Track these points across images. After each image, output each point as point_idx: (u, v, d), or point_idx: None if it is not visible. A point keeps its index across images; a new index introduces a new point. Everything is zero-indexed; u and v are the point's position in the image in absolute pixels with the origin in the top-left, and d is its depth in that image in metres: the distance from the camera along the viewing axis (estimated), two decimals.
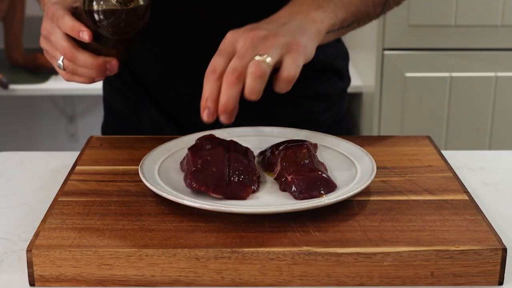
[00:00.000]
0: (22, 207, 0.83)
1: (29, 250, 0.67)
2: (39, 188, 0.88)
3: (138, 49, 1.05)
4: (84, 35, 0.82)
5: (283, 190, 0.77)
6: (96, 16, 0.80)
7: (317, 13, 0.83)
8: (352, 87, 2.14)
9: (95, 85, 1.18)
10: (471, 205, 0.75)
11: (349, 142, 0.87)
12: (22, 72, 2.21)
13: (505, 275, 0.68)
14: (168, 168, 0.82)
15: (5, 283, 0.68)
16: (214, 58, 0.78)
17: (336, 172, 0.81)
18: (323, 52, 1.09)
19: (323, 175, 0.76)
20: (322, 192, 0.75)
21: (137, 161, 0.83)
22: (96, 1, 0.80)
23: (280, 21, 0.82)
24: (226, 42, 0.79)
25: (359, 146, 0.86)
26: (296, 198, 0.75)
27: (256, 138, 0.90)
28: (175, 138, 0.89)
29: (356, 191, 0.74)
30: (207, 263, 0.67)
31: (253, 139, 0.90)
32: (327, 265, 0.67)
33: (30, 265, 0.67)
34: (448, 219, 0.72)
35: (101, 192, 0.78)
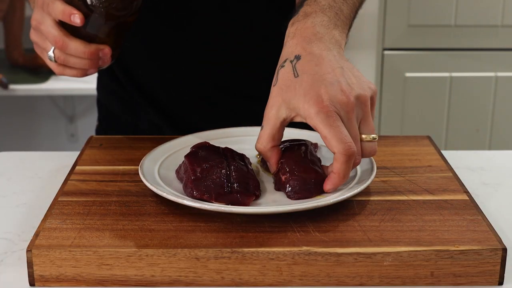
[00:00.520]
0: (22, 207, 0.83)
1: (29, 250, 0.67)
2: (39, 188, 0.88)
3: (136, 51, 1.05)
4: (76, 18, 0.80)
5: (278, 189, 0.77)
6: None
7: (337, 34, 0.81)
8: None
9: (95, 85, 1.18)
10: (471, 205, 0.75)
11: None
12: (22, 72, 2.22)
13: (505, 275, 0.68)
14: (168, 168, 0.82)
15: (5, 283, 0.68)
16: (339, 134, 0.71)
17: None
18: None
19: (318, 175, 0.76)
20: (316, 192, 0.75)
21: (137, 161, 0.83)
22: None
23: (326, 58, 0.77)
24: (326, 107, 0.72)
25: None
26: (290, 198, 0.75)
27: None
28: (175, 138, 0.89)
29: (356, 191, 0.74)
30: (207, 263, 0.67)
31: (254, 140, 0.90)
32: (327, 265, 0.67)
33: (30, 265, 0.67)
34: (448, 219, 0.72)
35: (101, 192, 0.78)
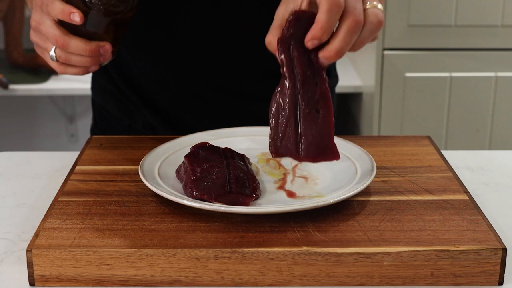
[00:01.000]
0: (22, 207, 0.83)
1: (29, 250, 0.67)
2: (39, 188, 0.88)
3: (131, 50, 1.05)
4: (76, 17, 0.80)
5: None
6: None
7: None
8: (352, 87, 2.15)
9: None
10: (471, 205, 0.75)
11: (349, 142, 0.87)
12: (22, 72, 2.22)
13: (505, 275, 0.68)
14: (168, 168, 0.82)
15: (5, 283, 0.68)
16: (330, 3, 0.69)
17: (336, 172, 0.81)
18: None
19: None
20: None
21: (137, 161, 0.83)
22: None
23: None
24: None
25: (359, 146, 0.86)
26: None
27: (259, 138, 0.90)
28: (175, 138, 0.89)
29: (356, 191, 0.74)
30: (207, 263, 0.67)
31: (255, 139, 0.90)
32: (327, 265, 0.67)
33: (30, 265, 0.67)
34: (448, 219, 0.72)
35: (101, 192, 0.78)
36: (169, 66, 1.04)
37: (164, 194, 0.73)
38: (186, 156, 0.80)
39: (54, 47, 0.83)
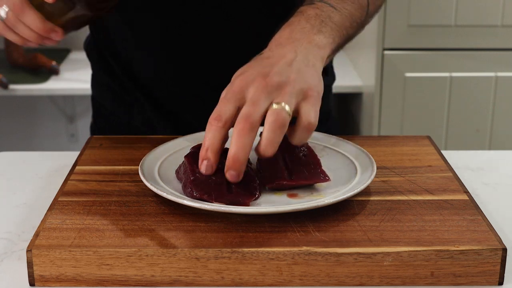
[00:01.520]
0: (22, 207, 0.83)
1: (29, 250, 0.67)
2: (39, 188, 0.88)
3: (133, 44, 1.05)
4: None
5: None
6: None
7: (319, 38, 0.79)
8: (352, 87, 2.15)
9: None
10: (471, 205, 0.75)
11: (349, 142, 0.87)
12: (22, 72, 2.22)
13: (505, 275, 0.68)
14: (168, 168, 0.82)
15: (5, 283, 0.68)
16: (220, 104, 0.72)
17: (336, 172, 0.81)
18: None
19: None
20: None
21: (137, 161, 0.83)
22: None
23: (285, 52, 0.75)
24: (234, 88, 0.72)
25: (359, 146, 0.86)
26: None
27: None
28: (175, 138, 0.89)
29: (356, 191, 0.74)
30: (207, 263, 0.67)
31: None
32: (327, 265, 0.67)
33: (30, 265, 0.67)
34: (448, 219, 0.72)
35: (101, 192, 0.78)
36: (169, 66, 1.04)
37: (164, 194, 0.73)
38: (186, 157, 0.80)
39: (8, 9, 0.81)
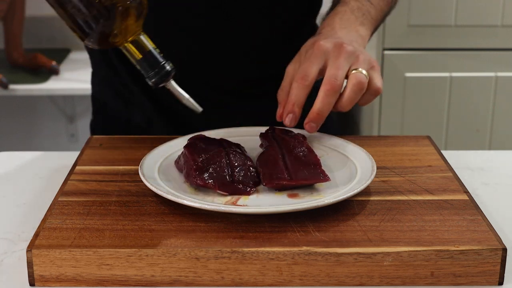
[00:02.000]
0: (22, 207, 0.83)
1: (29, 250, 0.67)
2: (39, 188, 0.88)
3: None
4: None
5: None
6: None
7: (362, 29, 0.91)
8: None
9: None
10: (471, 205, 0.75)
11: (349, 142, 0.88)
12: (22, 72, 2.21)
13: (505, 275, 0.68)
14: (168, 168, 0.82)
15: (5, 283, 0.68)
16: (305, 64, 0.81)
17: (336, 172, 0.81)
18: None
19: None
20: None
21: (137, 161, 0.83)
22: None
23: (343, 36, 0.86)
24: (316, 52, 0.82)
25: (359, 146, 0.86)
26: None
27: (256, 138, 0.90)
28: (175, 138, 0.89)
29: (356, 191, 0.74)
30: (207, 263, 0.67)
31: (254, 139, 0.90)
32: (327, 265, 0.67)
33: (30, 265, 0.67)
34: (448, 219, 0.72)
35: (101, 192, 0.78)
36: (171, 60, 1.04)
37: (164, 194, 0.73)
38: (185, 147, 0.81)
39: None
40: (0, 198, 0.86)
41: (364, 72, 0.81)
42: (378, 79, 0.83)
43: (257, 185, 0.78)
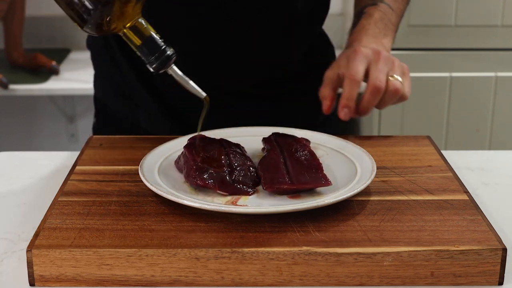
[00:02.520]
0: (22, 207, 0.83)
1: (29, 250, 0.67)
2: (39, 188, 0.88)
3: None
4: None
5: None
6: None
7: (386, 41, 1.01)
8: None
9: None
10: (471, 205, 0.75)
11: (349, 142, 0.88)
12: (22, 72, 2.21)
13: (505, 275, 0.68)
14: (168, 168, 0.82)
15: (5, 283, 0.68)
16: (353, 64, 0.91)
17: (336, 172, 0.81)
18: (317, 49, 1.11)
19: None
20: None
21: (137, 161, 0.83)
22: None
23: (375, 46, 0.96)
24: (359, 55, 0.92)
25: (359, 146, 0.86)
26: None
27: (256, 138, 0.90)
28: (175, 138, 0.89)
29: (356, 191, 0.74)
30: (207, 263, 0.67)
31: (255, 139, 0.90)
32: (327, 265, 0.67)
33: (30, 265, 0.67)
34: (448, 219, 0.72)
35: (101, 192, 0.78)
36: (182, 61, 1.04)
37: (164, 194, 0.73)
38: (185, 147, 0.81)
39: None
40: (0, 198, 0.86)
41: (399, 79, 0.91)
42: (407, 87, 0.93)
43: (257, 185, 0.78)
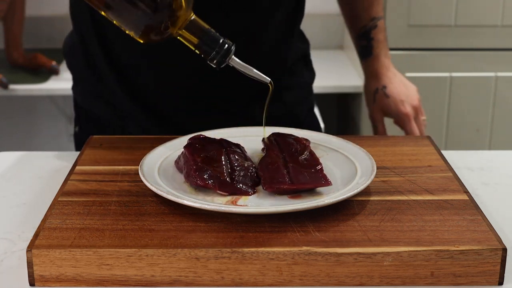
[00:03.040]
0: (22, 207, 0.83)
1: (29, 250, 0.67)
2: (39, 188, 0.88)
3: (134, 56, 1.04)
4: None
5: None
6: None
7: (390, 63, 1.26)
8: (352, 87, 2.15)
9: None
10: (471, 205, 0.75)
11: (349, 142, 0.88)
12: (22, 72, 2.21)
13: (505, 275, 0.68)
14: (168, 168, 0.82)
15: (5, 283, 0.68)
16: (412, 127, 1.30)
17: (336, 172, 0.81)
18: (297, 46, 1.12)
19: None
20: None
21: (137, 161, 0.83)
22: None
23: (403, 87, 1.29)
24: (405, 117, 1.30)
25: (359, 146, 0.86)
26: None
27: (256, 139, 0.90)
28: (175, 138, 0.89)
29: (356, 191, 0.74)
30: (207, 263, 0.67)
31: (256, 139, 0.90)
32: (327, 265, 0.67)
33: (30, 265, 0.67)
34: (448, 219, 0.72)
35: (101, 192, 0.78)
36: (167, 67, 1.03)
37: (164, 194, 0.73)
38: (185, 147, 0.81)
39: None
40: (0, 198, 0.86)
41: (424, 118, 1.27)
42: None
43: (257, 185, 0.78)
